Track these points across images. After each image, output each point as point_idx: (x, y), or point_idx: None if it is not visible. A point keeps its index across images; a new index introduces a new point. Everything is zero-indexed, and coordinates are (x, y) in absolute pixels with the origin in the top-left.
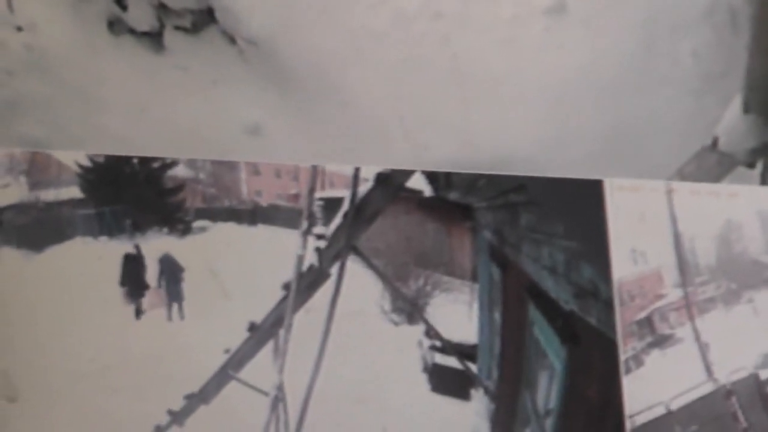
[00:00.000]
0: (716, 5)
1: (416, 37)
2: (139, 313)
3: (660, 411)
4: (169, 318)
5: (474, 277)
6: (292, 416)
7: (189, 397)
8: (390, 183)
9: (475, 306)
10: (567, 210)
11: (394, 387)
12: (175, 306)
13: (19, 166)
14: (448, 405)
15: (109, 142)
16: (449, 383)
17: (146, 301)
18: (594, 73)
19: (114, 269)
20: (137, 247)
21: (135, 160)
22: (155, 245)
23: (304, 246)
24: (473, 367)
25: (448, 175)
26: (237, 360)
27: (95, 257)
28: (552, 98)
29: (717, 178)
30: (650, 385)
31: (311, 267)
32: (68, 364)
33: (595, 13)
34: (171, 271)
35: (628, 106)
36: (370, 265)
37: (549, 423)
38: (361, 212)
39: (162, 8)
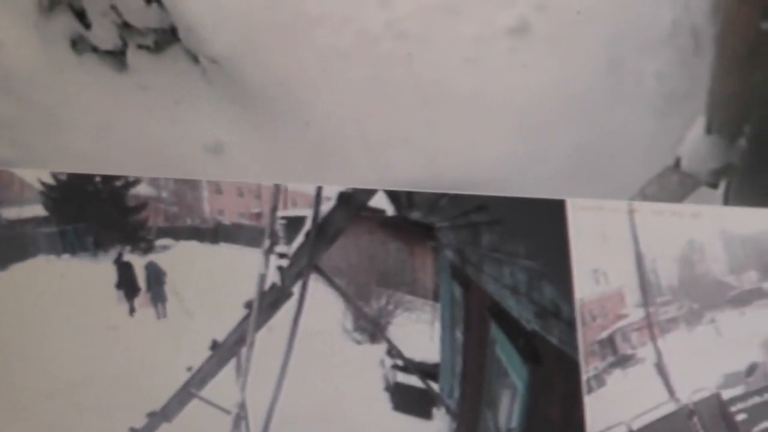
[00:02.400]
0: (679, 26)
1: (380, 56)
2: (132, 311)
3: (622, 431)
4: (158, 317)
5: (436, 297)
6: None
7: (151, 415)
8: (352, 202)
9: (437, 325)
10: (529, 230)
11: (356, 405)
12: (160, 305)
13: None
14: (410, 424)
15: (72, 161)
16: (411, 402)
17: (138, 301)
18: (558, 94)
19: (76, 287)
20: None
21: (98, 179)
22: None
23: (267, 265)
24: (435, 386)
25: (410, 195)
26: (199, 378)
27: (58, 275)
28: (516, 118)
29: (679, 199)
30: (612, 405)
31: (273, 286)
32: (32, 382)
33: (559, 33)
34: (155, 275)
35: (592, 127)
36: (333, 284)
37: None
38: (324, 231)
39: (125, 27)
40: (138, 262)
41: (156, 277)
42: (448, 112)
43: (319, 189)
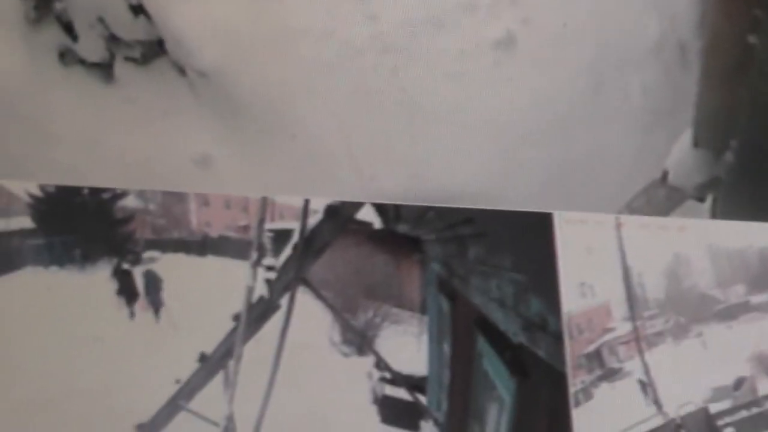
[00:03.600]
0: (665, 40)
1: (365, 69)
2: (132, 315)
3: None
4: (157, 320)
5: (423, 309)
6: None
7: (139, 427)
8: (339, 215)
9: (425, 338)
10: (516, 243)
11: (344, 418)
12: (158, 309)
13: None
14: None
15: (59, 173)
16: (399, 415)
17: (137, 305)
18: (543, 107)
19: (64, 299)
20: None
21: (85, 191)
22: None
23: (254, 277)
24: (423, 399)
25: (397, 208)
26: (187, 391)
27: (44, 287)
28: (501, 131)
29: (666, 212)
30: (599, 419)
31: (261, 298)
32: (17, 395)
33: (544, 47)
34: (153, 282)
35: (578, 140)
36: (320, 297)
37: None
38: (311, 244)
39: (113, 39)
40: (136, 271)
41: (154, 284)
42: (433, 125)
43: (307, 202)
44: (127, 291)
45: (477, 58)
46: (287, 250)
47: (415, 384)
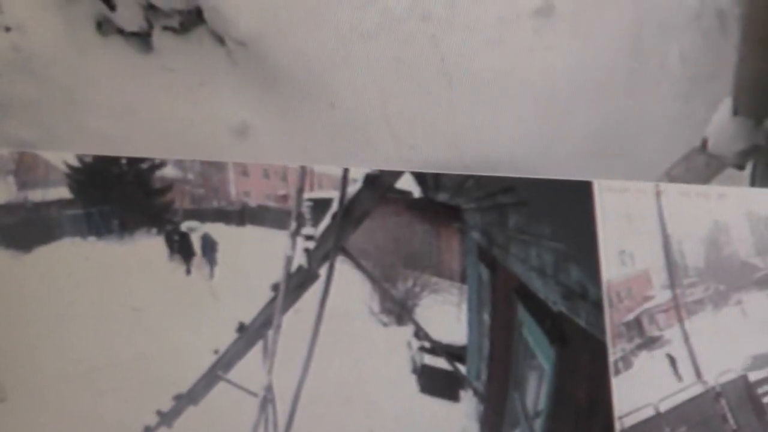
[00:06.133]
0: (704, 7)
1: (404, 38)
2: (188, 271)
3: (649, 412)
4: (211, 276)
5: (463, 279)
6: (281, 417)
7: (177, 398)
8: (379, 184)
9: (464, 307)
10: (555, 211)
11: (382, 388)
12: (213, 267)
13: (7, 166)
14: (437, 406)
15: (96, 143)
16: (438, 384)
17: (193, 262)
18: (582, 75)
19: (102, 270)
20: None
21: (123, 161)
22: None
23: (293, 247)
24: (462, 369)
25: (436, 177)
26: (226, 361)
27: (83, 258)
28: (540, 100)
29: (706, 180)
30: (639, 387)
31: (300, 268)
32: (56, 364)
33: (583, 15)
34: (209, 243)
35: (617, 108)
36: (359, 266)
37: (538, 424)
38: (350, 213)
39: (151, 8)
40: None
41: (210, 245)
42: (471, 94)
43: (346, 171)
44: (183, 250)
45: (516, 27)
46: (326, 220)
47: (454, 353)
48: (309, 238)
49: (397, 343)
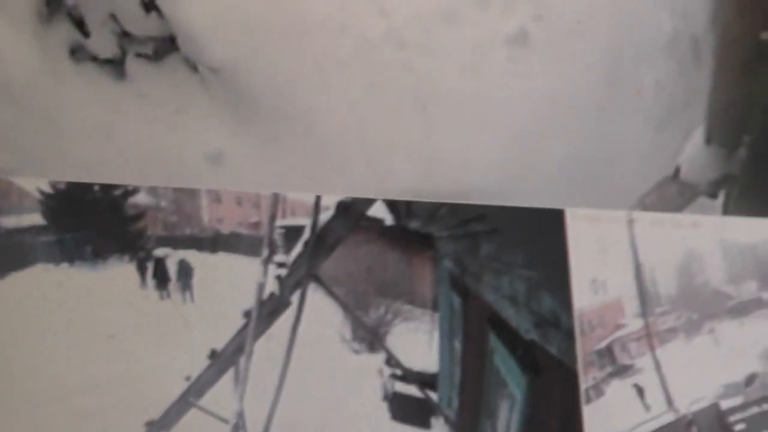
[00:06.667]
0: (679, 36)
1: (378, 64)
2: (162, 297)
3: None
4: (184, 301)
5: (435, 306)
6: None
7: (149, 425)
8: (351, 212)
9: (436, 335)
10: (528, 239)
11: (354, 415)
12: (186, 293)
13: None
14: None
15: (72, 169)
16: (410, 412)
17: (169, 288)
18: (556, 103)
19: (75, 296)
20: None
21: (96, 188)
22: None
23: (265, 274)
24: (434, 396)
25: (409, 204)
26: (198, 387)
27: (56, 284)
28: (513, 127)
29: (679, 209)
30: (611, 415)
31: (272, 295)
32: (30, 389)
33: (557, 42)
34: (185, 269)
35: (591, 136)
36: (331, 294)
37: None
38: (322, 241)
39: (125, 35)
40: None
41: (186, 271)
42: (446, 120)
43: (318, 198)
44: (159, 277)
45: (490, 54)
46: (298, 247)
47: (426, 381)
48: (281, 265)
49: (369, 371)
